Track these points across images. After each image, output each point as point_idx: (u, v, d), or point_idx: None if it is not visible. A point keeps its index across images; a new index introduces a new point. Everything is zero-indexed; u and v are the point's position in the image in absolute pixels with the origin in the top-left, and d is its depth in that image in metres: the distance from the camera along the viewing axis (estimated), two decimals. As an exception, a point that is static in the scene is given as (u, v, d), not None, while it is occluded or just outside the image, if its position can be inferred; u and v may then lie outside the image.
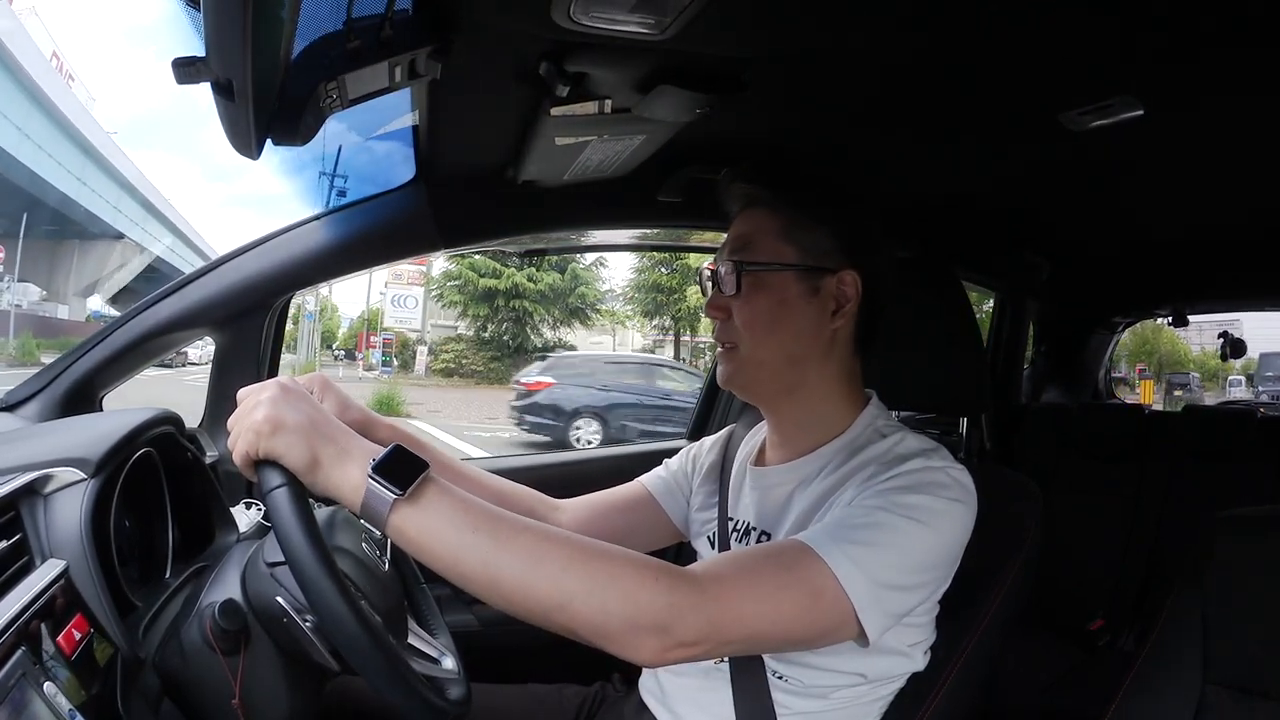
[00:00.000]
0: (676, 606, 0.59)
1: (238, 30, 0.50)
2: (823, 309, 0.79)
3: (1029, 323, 2.39)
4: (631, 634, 0.59)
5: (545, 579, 0.58)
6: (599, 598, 0.58)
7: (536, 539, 0.60)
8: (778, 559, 0.66)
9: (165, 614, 0.74)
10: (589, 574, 0.59)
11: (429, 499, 0.59)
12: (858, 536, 0.66)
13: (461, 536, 0.59)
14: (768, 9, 0.72)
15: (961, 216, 1.50)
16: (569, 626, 0.59)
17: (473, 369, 18.65)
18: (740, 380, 0.82)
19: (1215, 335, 3.49)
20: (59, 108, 16.10)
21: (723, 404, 1.74)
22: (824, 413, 0.82)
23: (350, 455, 0.60)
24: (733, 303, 0.80)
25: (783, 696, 0.77)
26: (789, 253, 0.79)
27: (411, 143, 1.06)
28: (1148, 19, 0.72)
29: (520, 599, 0.59)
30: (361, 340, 23.31)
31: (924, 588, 0.70)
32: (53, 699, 0.53)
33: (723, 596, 0.62)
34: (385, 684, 0.58)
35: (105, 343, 1.09)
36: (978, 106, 0.95)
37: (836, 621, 0.65)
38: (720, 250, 0.84)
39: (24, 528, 0.65)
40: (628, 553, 0.62)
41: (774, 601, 0.63)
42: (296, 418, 0.60)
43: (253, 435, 0.59)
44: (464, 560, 0.58)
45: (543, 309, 18.53)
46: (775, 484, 0.83)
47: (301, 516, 0.58)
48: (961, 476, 0.73)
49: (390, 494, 0.57)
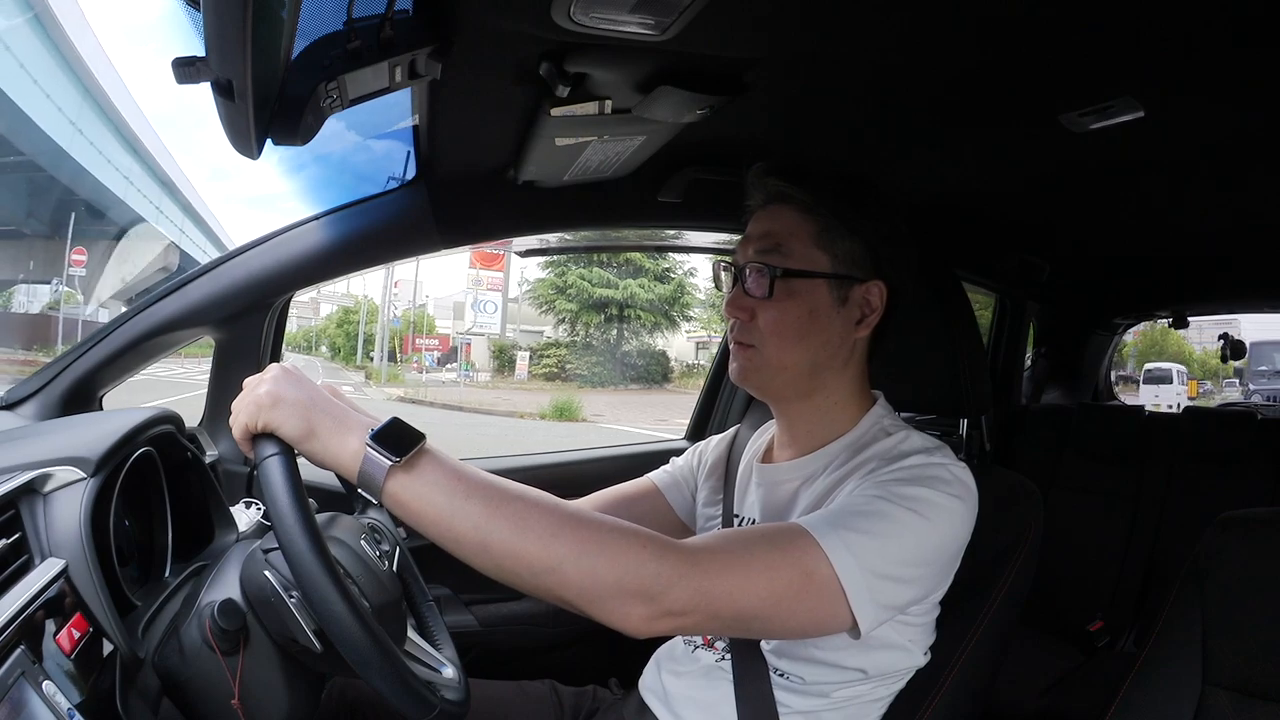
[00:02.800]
0: (665, 574, 0.60)
1: (238, 30, 0.50)
2: (849, 319, 0.79)
3: (1029, 324, 2.39)
4: (619, 599, 0.60)
5: (535, 543, 0.59)
6: (588, 562, 0.59)
7: (528, 505, 0.61)
8: (773, 538, 0.67)
9: (164, 613, 0.74)
10: (579, 539, 0.60)
11: (424, 466, 0.61)
12: (855, 524, 0.66)
13: (454, 502, 0.60)
14: (768, 11, 0.72)
15: (962, 218, 1.50)
16: (558, 591, 0.60)
17: (576, 373, 19.24)
18: (757, 381, 0.82)
19: (1215, 335, 3.49)
20: (110, 100, 15.48)
21: (723, 403, 1.74)
22: (835, 414, 0.82)
23: (348, 426, 0.62)
24: (759, 305, 0.78)
25: (784, 695, 0.77)
26: (822, 260, 0.78)
27: (412, 143, 1.06)
28: (1148, 21, 0.72)
29: (511, 563, 0.60)
30: (407, 343, 23.60)
31: (919, 582, 0.70)
32: (52, 698, 0.53)
33: (712, 568, 0.62)
34: (363, 661, 0.58)
35: (105, 342, 1.09)
36: (978, 108, 0.95)
37: (828, 606, 0.65)
38: (743, 244, 0.82)
39: (23, 526, 0.65)
40: (619, 521, 0.63)
41: (764, 577, 0.63)
42: (296, 393, 0.63)
43: (253, 408, 0.62)
44: (457, 525, 0.60)
45: (648, 316, 19.17)
46: (781, 480, 0.84)
47: (291, 483, 0.60)
48: (963, 474, 0.73)
49: (387, 460, 0.59)
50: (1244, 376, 9.50)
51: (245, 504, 1.02)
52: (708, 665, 0.84)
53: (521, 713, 0.98)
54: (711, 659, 0.84)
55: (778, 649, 0.78)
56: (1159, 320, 2.78)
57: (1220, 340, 3.15)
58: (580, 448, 1.73)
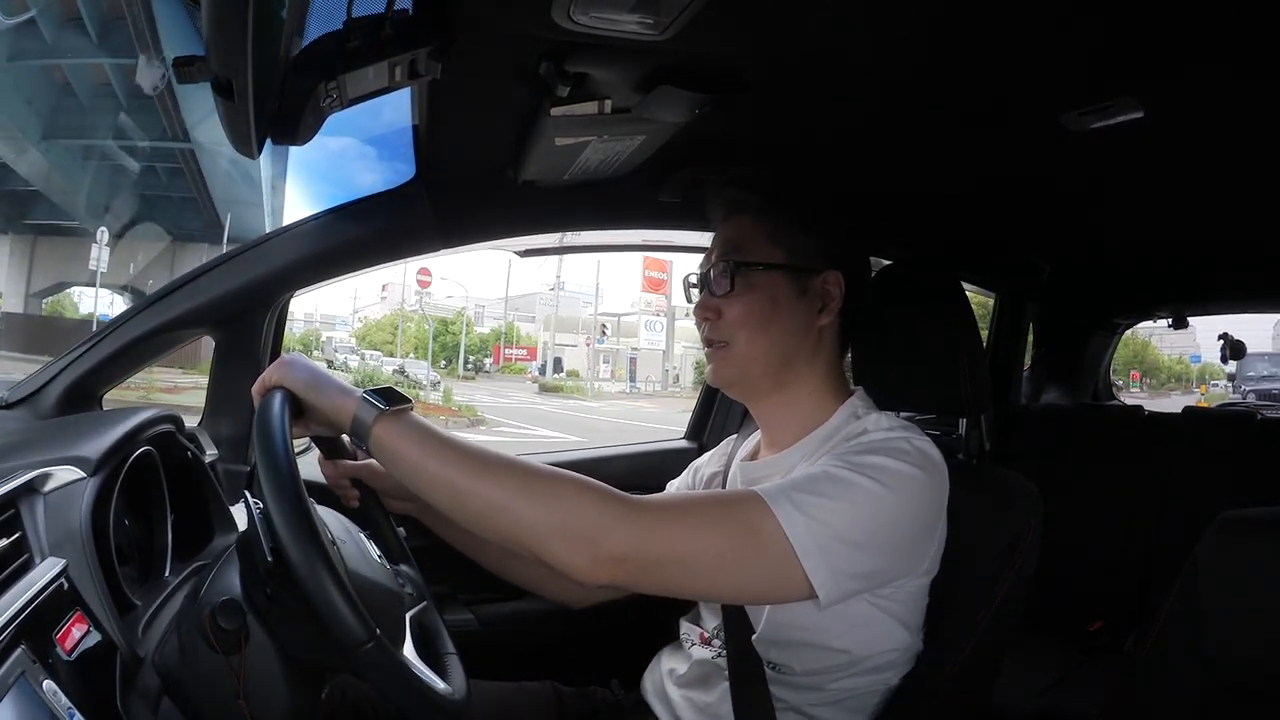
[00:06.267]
0: (606, 518, 0.65)
1: (238, 30, 0.50)
2: (810, 307, 0.84)
3: (1029, 324, 2.39)
4: (564, 540, 0.65)
5: (493, 483, 0.67)
6: (540, 503, 0.66)
7: (494, 456, 0.69)
8: (722, 498, 0.72)
9: (164, 613, 0.74)
10: (531, 481, 0.67)
11: (408, 419, 0.71)
12: (806, 486, 0.69)
13: (427, 448, 0.69)
14: (768, 10, 0.72)
15: (961, 217, 1.50)
16: (511, 530, 0.66)
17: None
18: (732, 375, 0.85)
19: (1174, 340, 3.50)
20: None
21: (722, 404, 1.74)
22: (810, 407, 0.85)
23: (348, 390, 0.73)
24: (724, 302, 0.84)
25: (781, 691, 0.78)
26: (778, 254, 0.84)
27: (411, 143, 1.06)
28: (1148, 21, 0.72)
29: (473, 502, 0.67)
30: (497, 353, 25.19)
31: (883, 552, 0.70)
32: (52, 697, 0.53)
33: (655, 515, 0.66)
34: (306, 576, 0.59)
35: (105, 341, 1.09)
36: (978, 107, 0.95)
37: (779, 567, 0.66)
38: (707, 255, 0.89)
39: (23, 526, 0.65)
40: (576, 475, 0.68)
41: (706, 529, 0.67)
42: (311, 364, 0.76)
43: (269, 371, 0.75)
44: (429, 467, 0.68)
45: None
46: (761, 476, 0.85)
47: (282, 416, 0.68)
48: (926, 447, 0.75)
49: (377, 407, 0.70)
50: (1236, 380, 9.97)
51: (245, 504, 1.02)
52: (705, 663, 0.84)
53: (522, 713, 0.98)
54: (708, 655, 0.84)
55: (767, 636, 0.78)
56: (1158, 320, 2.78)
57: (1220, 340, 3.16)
58: (581, 448, 1.72)
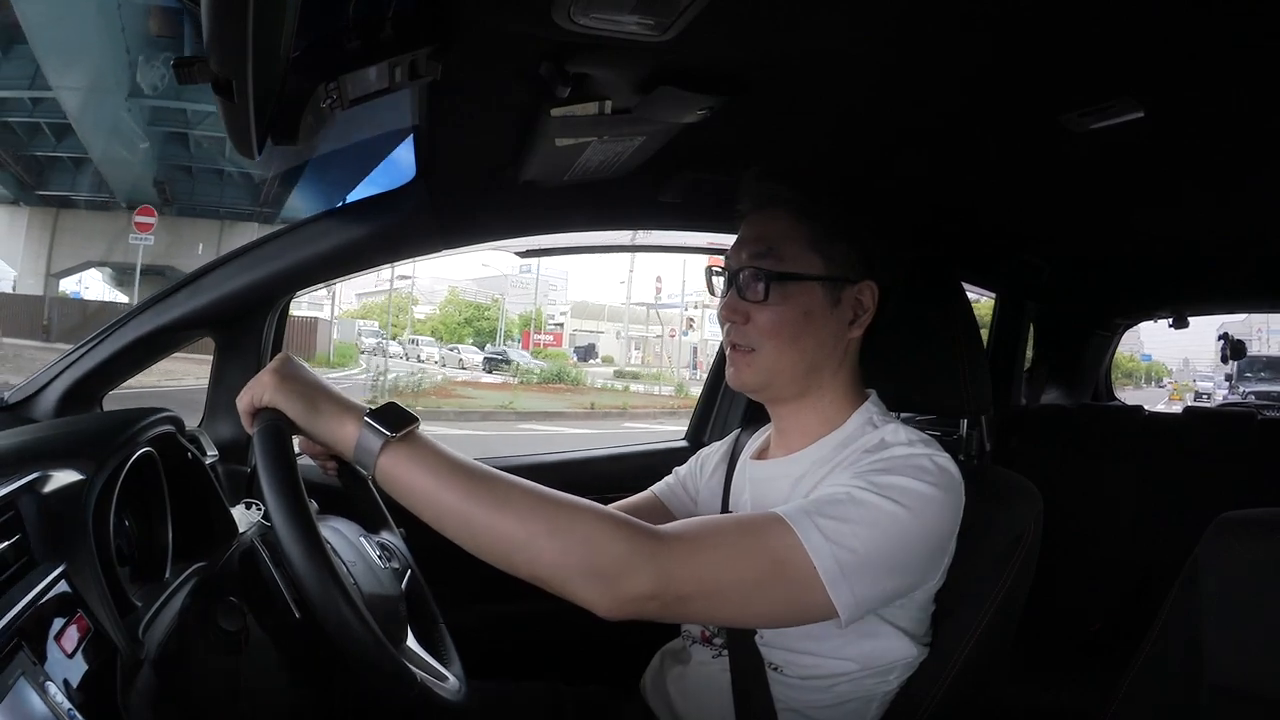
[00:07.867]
0: (631, 555, 0.62)
1: (238, 30, 0.50)
2: (842, 319, 0.81)
3: (1029, 324, 2.39)
4: (587, 580, 0.62)
5: (512, 518, 0.62)
6: (560, 540, 0.62)
7: (509, 485, 0.64)
8: (746, 524, 0.69)
9: (164, 613, 0.74)
10: (552, 517, 0.63)
11: (415, 444, 0.64)
12: (830, 510, 0.67)
13: (440, 478, 0.63)
14: (768, 11, 0.72)
15: (961, 218, 1.50)
16: (533, 569, 0.62)
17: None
18: (755, 383, 0.83)
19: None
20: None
21: (723, 405, 1.74)
22: (827, 412, 0.83)
23: (348, 409, 0.67)
24: (754, 308, 0.80)
25: (782, 691, 0.77)
26: (816, 263, 0.80)
27: (412, 143, 1.06)
28: (1148, 21, 0.72)
29: (488, 538, 0.63)
30: (526, 339, 25.60)
31: (902, 572, 0.70)
32: (53, 698, 0.53)
33: (679, 550, 0.64)
34: (338, 626, 0.59)
35: (106, 342, 1.09)
36: (978, 108, 0.95)
37: (805, 593, 0.65)
38: (736, 248, 0.84)
39: (24, 527, 0.64)
40: (593, 504, 0.65)
41: (732, 561, 0.64)
42: (303, 375, 0.68)
43: (259, 386, 0.67)
44: (442, 500, 0.63)
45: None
46: (771, 477, 0.84)
47: (283, 450, 0.63)
48: (947, 465, 0.73)
49: (382, 434, 0.63)
50: (1233, 380, 10.04)
51: (245, 504, 1.02)
52: (705, 663, 0.84)
53: (522, 713, 0.98)
54: (708, 655, 0.84)
55: (770, 639, 0.78)
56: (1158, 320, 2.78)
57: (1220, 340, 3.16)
58: (582, 447, 1.72)
